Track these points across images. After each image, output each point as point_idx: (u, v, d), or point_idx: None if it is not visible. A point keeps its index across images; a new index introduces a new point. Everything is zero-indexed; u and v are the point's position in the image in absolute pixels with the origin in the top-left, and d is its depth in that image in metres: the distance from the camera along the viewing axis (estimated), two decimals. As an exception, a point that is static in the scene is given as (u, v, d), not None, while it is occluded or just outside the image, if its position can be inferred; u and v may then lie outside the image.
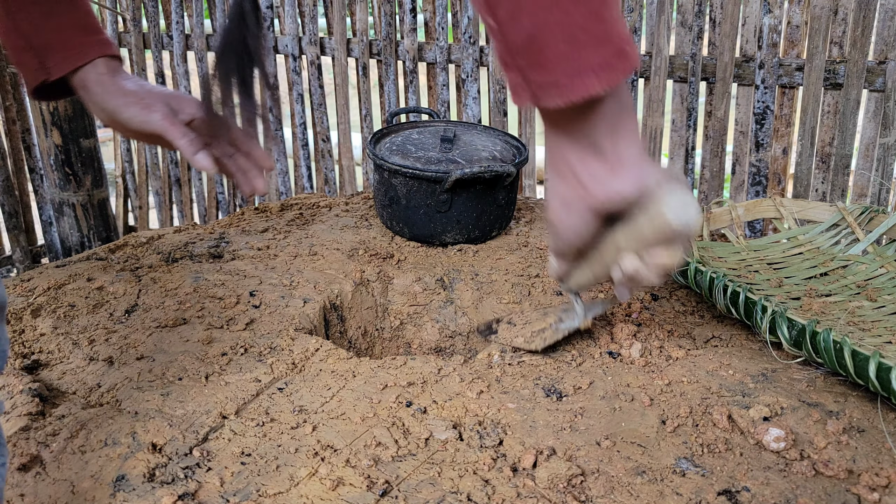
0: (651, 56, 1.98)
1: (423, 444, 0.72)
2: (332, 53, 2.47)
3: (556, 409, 0.77)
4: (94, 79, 0.86)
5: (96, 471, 0.69)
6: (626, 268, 0.70)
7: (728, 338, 0.93)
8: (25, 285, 1.04)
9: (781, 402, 0.76)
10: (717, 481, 0.67)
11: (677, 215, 0.64)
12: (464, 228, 1.19)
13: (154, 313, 0.97)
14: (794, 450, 0.70)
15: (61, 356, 0.88)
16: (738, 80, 1.90)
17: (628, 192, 0.66)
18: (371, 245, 1.20)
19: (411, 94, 2.38)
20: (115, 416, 0.76)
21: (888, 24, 1.70)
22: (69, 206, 2.52)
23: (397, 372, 0.84)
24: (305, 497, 0.65)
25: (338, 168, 2.63)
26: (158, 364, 0.85)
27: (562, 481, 0.66)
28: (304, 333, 0.93)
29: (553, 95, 0.60)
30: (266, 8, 2.51)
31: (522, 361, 0.88)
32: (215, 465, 0.69)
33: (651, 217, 0.66)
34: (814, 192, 1.88)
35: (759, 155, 1.93)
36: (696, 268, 0.95)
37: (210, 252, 1.15)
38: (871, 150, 1.79)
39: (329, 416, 0.76)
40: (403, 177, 1.17)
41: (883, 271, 1.04)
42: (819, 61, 1.77)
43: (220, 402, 0.78)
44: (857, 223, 1.11)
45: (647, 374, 0.84)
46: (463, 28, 2.21)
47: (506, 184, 1.19)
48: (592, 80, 0.59)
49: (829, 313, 0.94)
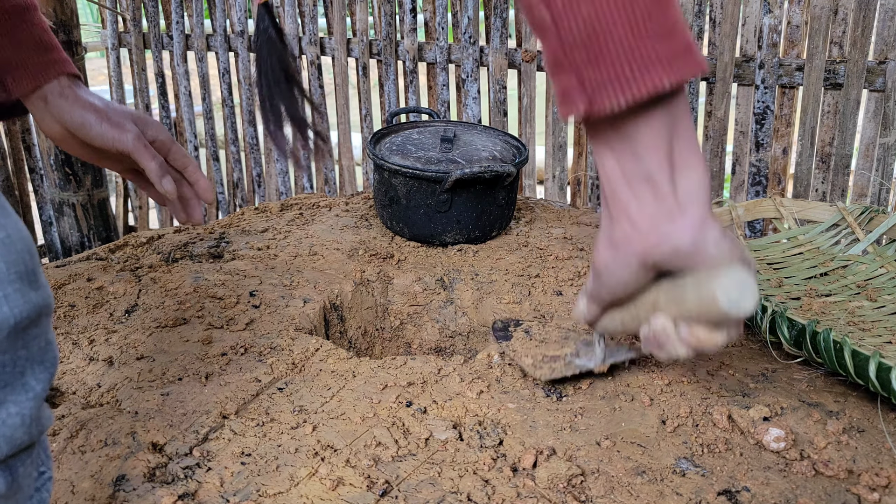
0: (651, 56, 1.98)
1: (423, 444, 0.72)
2: (332, 53, 2.47)
3: (556, 409, 0.77)
4: (57, 92, 0.85)
5: (96, 471, 0.69)
6: (654, 327, 0.62)
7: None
8: (25, 285, 1.04)
9: (781, 402, 0.76)
10: (717, 481, 0.67)
11: (730, 298, 0.55)
12: (464, 228, 1.19)
13: (154, 313, 0.97)
14: (794, 450, 0.71)
15: (61, 356, 0.88)
16: (738, 80, 1.90)
17: (683, 244, 0.57)
18: (371, 245, 1.20)
19: (411, 94, 2.38)
20: (115, 416, 0.76)
21: (888, 24, 1.70)
22: (69, 206, 2.52)
23: (397, 372, 0.84)
24: (305, 497, 0.65)
25: (338, 168, 2.63)
26: (158, 364, 0.85)
27: (562, 481, 0.66)
28: (304, 333, 0.93)
29: (613, 93, 0.53)
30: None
31: (522, 361, 0.88)
32: (215, 465, 0.69)
33: (699, 287, 0.57)
34: (814, 192, 1.88)
35: (759, 155, 1.93)
36: (696, 268, 0.95)
37: (210, 252, 1.15)
38: (871, 150, 1.79)
39: (329, 416, 0.76)
40: (403, 177, 1.17)
41: (883, 271, 1.04)
42: (819, 61, 1.77)
43: (220, 402, 0.78)
44: (857, 223, 1.11)
45: (647, 374, 0.84)
46: (463, 28, 2.21)
47: (506, 184, 1.19)
48: (660, 72, 0.52)
49: (829, 313, 0.94)
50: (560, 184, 2.25)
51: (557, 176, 2.24)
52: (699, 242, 0.56)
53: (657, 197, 0.57)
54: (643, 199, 0.57)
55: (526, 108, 2.20)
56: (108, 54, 2.82)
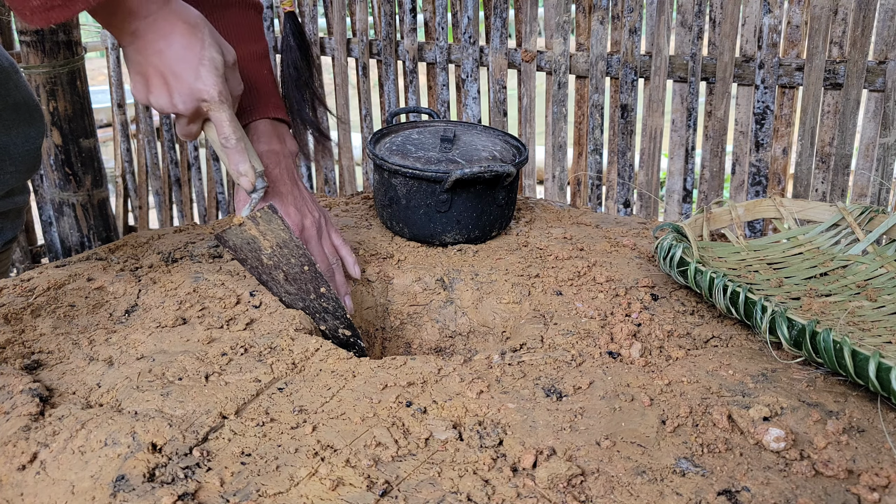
0: (651, 56, 1.98)
1: (423, 444, 0.72)
2: (332, 53, 2.47)
3: (556, 409, 0.77)
4: (253, 138, 1.08)
5: (96, 471, 0.69)
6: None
7: (728, 338, 0.93)
8: (25, 285, 1.04)
9: (781, 402, 0.76)
10: (717, 481, 0.67)
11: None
12: (464, 228, 1.19)
13: (154, 313, 0.97)
14: (794, 450, 0.71)
15: (61, 356, 0.88)
16: (738, 80, 1.90)
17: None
18: (371, 245, 1.20)
19: (411, 94, 2.39)
20: (115, 416, 0.76)
21: (888, 24, 1.70)
22: (69, 206, 2.52)
23: (397, 372, 0.84)
24: (305, 497, 0.65)
25: (338, 168, 2.63)
26: (158, 364, 0.85)
27: (562, 481, 0.66)
28: (304, 333, 0.93)
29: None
30: (266, 8, 2.51)
31: (522, 361, 0.88)
32: (215, 465, 0.69)
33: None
34: (814, 192, 1.88)
35: (759, 155, 1.93)
36: (696, 268, 0.95)
37: (210, 252, 1.15)
38: (871, 150, 1.80)
39: (329, 416, 0.76)
40: (403, 177, 1.17)
41: (883, 271, 1.04)
42: (819, 61, 1.77)
43: (220, 402, 0.78)
44: (857, 223, 1.11)
45: (647, 374, 0.84)
46: (463, 28, 2.21)
47: (506, 184, 1.19)
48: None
49: (829, 313, 0.94)
50: (560, 184, 2.25)
51: (557, 176, 2.24)
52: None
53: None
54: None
55: (526, 108, 2.20)
56: (108, 54, 2.82)
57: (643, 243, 1.20)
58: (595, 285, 1.05)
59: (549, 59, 2.12)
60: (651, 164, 2.09)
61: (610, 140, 2.13)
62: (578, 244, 1.19)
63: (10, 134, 1.30)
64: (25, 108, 1.33)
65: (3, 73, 1.29)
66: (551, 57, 2.12)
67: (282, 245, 0.94)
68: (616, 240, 1.21)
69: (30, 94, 1.35)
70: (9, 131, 1.30)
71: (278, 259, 0.94)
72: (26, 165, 1.35)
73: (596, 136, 2.14)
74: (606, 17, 2.02)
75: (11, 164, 1.32)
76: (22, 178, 1.36)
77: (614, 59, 2.04)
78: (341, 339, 0.97)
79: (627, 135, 2.10)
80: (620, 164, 2.13)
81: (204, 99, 0.88)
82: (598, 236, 1.23)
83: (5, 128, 1.29)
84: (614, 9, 2.00)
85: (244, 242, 0.94)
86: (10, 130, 1.30)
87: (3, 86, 1.29)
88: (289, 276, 0.94)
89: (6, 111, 1.29)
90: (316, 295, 0.94)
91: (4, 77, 1.29)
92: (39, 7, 0.74)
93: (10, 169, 1.32)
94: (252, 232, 0.93)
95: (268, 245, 0.93)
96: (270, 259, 0.94)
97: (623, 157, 2.12)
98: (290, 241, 0.94)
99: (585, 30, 2.08)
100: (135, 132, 2.95)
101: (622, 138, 2.10)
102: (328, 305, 0.94)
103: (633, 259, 1.13)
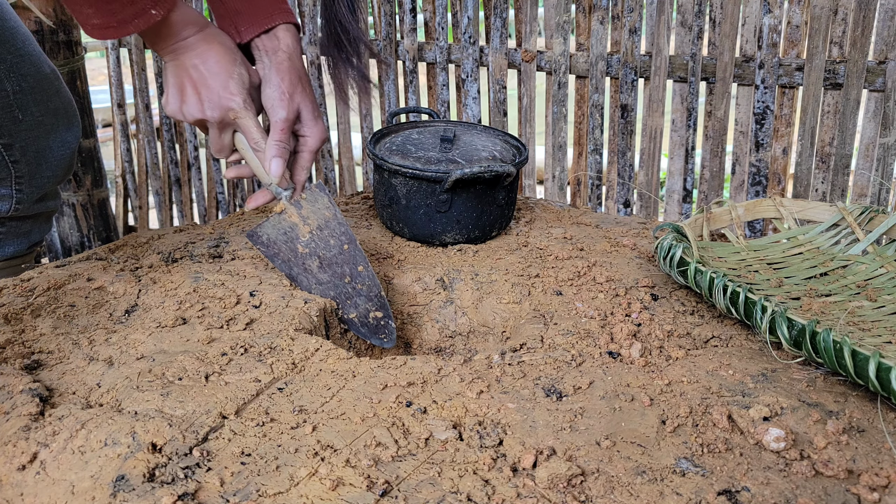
0: (651, 56, 1.98)
1: (423, 444, 0.72)
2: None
3: (556, 409, 0.77)
4: (271, 50, 1.04)
5: (96, 471, 0.69)
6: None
7: (728, 338, 0.93)
8: (25, 285, 1.04)
9: (781, 402, 0.76)
10: (717, 481, 0.67)
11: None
12: (464, 228, 1.19)
13: (154, 313, 0.97)
14: (794, 450, 0.71)
15: (61, 356, 0.88)
16: (738, 80, 1.90)
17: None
18: (371, 245, 1.20)
19: (411, 94, 2.38)
20: (115, 416, 0.76)
21: (888, 24, 1.70)
22: (69, 206, 2.52)
23: (397, 372, 0.84)
24: (305, 497, 0.65)
25: (338, 168, 2.63)
26: (158, 364, 0.85)
27: (562, 481, 0.66)
28: (304, 333, 0.93)
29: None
30: None
31: (522, 361, 0.88)
32: (215, 465, 0.69)
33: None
34: (814, 192, 1.88)
35: (759, 155, 1.93)
36: (696, 268, 0.95)
37: (210, 252, 1.15)
38: (871, 150, 1.80)
39: (329, 416, 0.76)
40: (403, 177, 1.17)
41: (883, 271, 1.04)
42: (819, 61, 1.77)
43: (220, 402, 0.78)
44: (857, 223, 1.11)
45: (647, 374, 0.84)
46: (463, 28, 2.21)
47: (506, 184, 1.19)
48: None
49: (829, 313, 0.94)
50: (560, 184, 2.25)
51: (557, 176, 2.24)
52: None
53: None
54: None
55: (526, 108, 2.20)
56: (108, 54, 2.82)
57: (643, 243, 1.20)
58: (595, 285, 1.05)
59: (549, 59, 2.12)
60: (651, 164, 2.09)
61: (610, 140, 2.13)
62: (578, 244, 1.19)
63: (48, 138, 1.33)
64: (64, 113, 1.36)
65: (45, 79, 1.31)
66: (551, 57, 2.12)
67: (322, 227, 0.95)
68: (616, 240, 1.21)
69: (69, 100, 1.38)
70: (48, 136, 1.32)
71: (315, 244, 0.95)
72: (62, 170, 1.38)
73: (596, 136, 2.14)
74: (606, 17, 2.02)
75: (48, 169, 1.34)
76: (57, 181, 1.39)
77: (614, 59, 2.04)
78: (371, 324, 0.97)
79: (627, 135, 2.10)
80: (620, 164, 2.13)
81: (231, 107, 0.98)
82: (598, 236, 1.23)
83: (45, 133, 1.32)
84: (614, 9, 2.00)
85: (280, 233, 0.96)
86: (50, 135, 1.33)
87: (45, 92, 1.31)
88: (324, 261, 0.95)
89: (47, 116, 1.31)
90: (351, 277, 0.95)
91: (47, 83, 1.31)
92: (98, 25, 0.90)
93: (46, 173, 1.34)
94: (293, 219, 0.95)
95: (307, 230, 0.95)
96: (307, 247, 0.95)
97: (623, 157, 2.12)
98: (332, 220, 0.96)
99: (585, 30, 2.08)
100: (135, 132, 2.95)
101: (622, 138, 2.10)
102: (362, 287, 0.95)
103: (633, 259, 1.13)
